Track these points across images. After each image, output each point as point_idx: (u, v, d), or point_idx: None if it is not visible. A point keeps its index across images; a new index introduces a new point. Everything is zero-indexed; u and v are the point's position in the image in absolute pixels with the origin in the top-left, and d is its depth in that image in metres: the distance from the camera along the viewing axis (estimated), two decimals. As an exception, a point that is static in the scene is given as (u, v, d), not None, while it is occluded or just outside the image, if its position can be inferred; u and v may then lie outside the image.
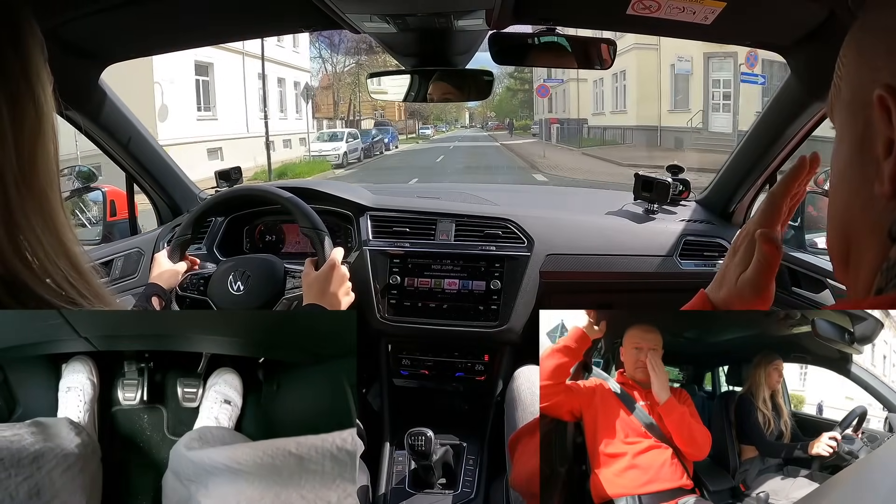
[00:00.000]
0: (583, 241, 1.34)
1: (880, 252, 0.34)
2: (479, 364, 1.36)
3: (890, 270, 0.33)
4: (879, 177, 0.33)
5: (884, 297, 0.34)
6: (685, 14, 0.89)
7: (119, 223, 1.53)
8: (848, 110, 0.37)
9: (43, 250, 0.41)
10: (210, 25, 1.12)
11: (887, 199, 0.33)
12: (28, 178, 0.41)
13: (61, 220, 0.44)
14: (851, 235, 0.37)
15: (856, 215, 0.37)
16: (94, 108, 1.22)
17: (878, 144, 0.33)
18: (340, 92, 29.05)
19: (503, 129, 39.62)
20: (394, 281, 1.32)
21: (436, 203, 1.44)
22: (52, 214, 0.43)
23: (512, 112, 42.35)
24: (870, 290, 0.35)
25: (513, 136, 31.08)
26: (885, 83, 0.32)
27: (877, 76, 0.34)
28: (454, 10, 0.92)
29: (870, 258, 0.35)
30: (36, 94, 0.43)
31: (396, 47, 1.16)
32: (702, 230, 1.38)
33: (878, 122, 0.33)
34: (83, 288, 0.43)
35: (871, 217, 0.35)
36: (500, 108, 43.18)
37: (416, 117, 37.48)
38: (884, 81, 0.33)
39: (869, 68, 0.35)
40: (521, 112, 41.15)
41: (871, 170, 0.34)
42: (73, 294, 0.43)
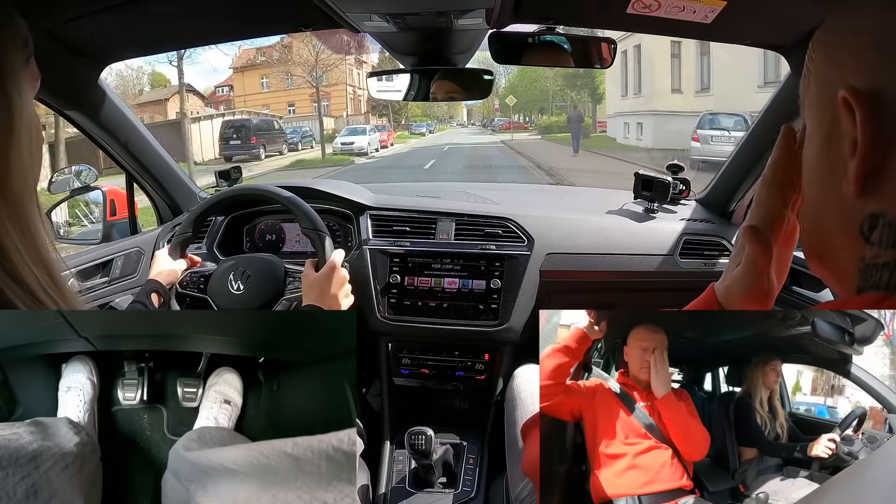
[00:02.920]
0: (583, 240, 1.34)
1: (855, 251, 0.35)
2: (480, 363, 1.36)
3: (866, 270, 0.34)
4: (846, 176, 0.34)
5: (865, 297, 0.35)
6: (685, 13, 0.89)
7: (119, 223, 1.53)
8: (816, 106, 0.37)
9: (20, 256, 0.40)
10: (209, 25, 1.12)
11: (854, 198, 0.33)
12: (0, 184, 0.39)
13: (38, 226, 0.42)
14: (823, 230, 0.38)
15: (826, 210, 0.37)
16: (94, 107, 1.22)
17: (844, 143, 0.34)
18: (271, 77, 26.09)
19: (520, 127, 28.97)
20: (394, 280, 1.31)
21: (436, 202, 1.43)
22: (28, 219, 0.41)
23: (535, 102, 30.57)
24: (852, 289, 0.35)
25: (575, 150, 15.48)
26: (849, 85, 0.33)
27: (841, 74, 0.34)
28: (454, 10, 0.92)
29: (846, 257, 0.36)
30: (7, 91, 0.40)
31: (396, 46, 1.16)
32: (702, 229, 1.38)
33: (843, 121, 0.33)
34: (57, 296, 0.42)
35: (840, 214, 0.35)
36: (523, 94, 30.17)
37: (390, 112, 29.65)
38: (847, 82, 0.33)
39: (834, 66, 0.35)
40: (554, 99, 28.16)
41: (839, 167, 0.34)
42: (47, 302, 0.41)
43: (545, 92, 29.24)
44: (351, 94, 29.82)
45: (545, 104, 30.11)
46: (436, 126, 34.75)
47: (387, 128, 24.62)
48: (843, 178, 0.34)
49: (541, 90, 29.76)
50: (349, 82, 29.00)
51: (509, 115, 30.71)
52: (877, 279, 0.33)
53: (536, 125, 28.08)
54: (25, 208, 0.41)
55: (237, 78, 28.84)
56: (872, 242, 0.33)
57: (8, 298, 0.39)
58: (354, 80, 29.60)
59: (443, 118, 40.14)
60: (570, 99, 26.92)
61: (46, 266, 0.42)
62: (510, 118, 30.64)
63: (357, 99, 30.41)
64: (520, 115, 33.53)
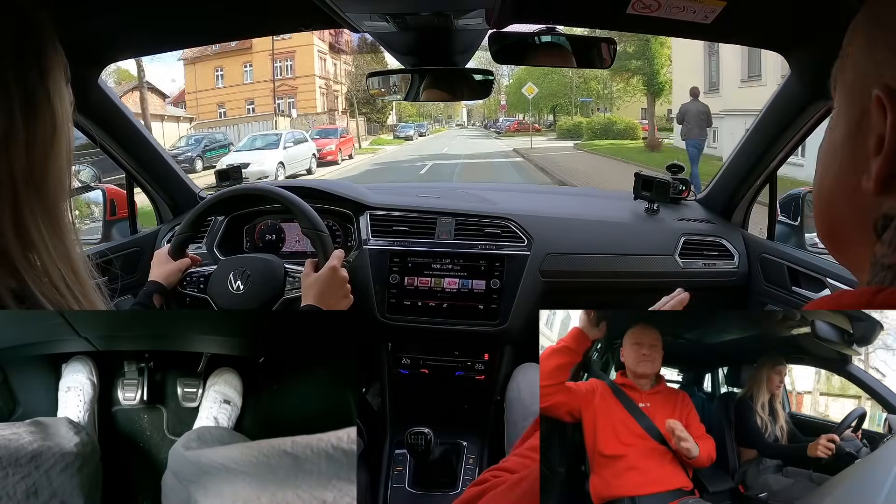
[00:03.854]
0: (583, 240, 1.34)
1: (867, 244, 0.34)
2: (479, 363, 1.36)
3: (874, 266, 0.34)
4: (868, 172, 0.33)
5: (860, 291, 0.34)
6: (685, 13, 0.89)
7: (119, 222, 1.53)
8: (849, 92, 0.36)
9: (47, 251, 0.43)
10: (209, 24, 1.12)
11: (873, 195, 0.33)
12: (39, 182, 0.43)
13: (67, 224, 0.46)
14: (835, 217, 0.38)
15: (841, 196, 0.37)
16: (94, 107, 1.22)
17: (871, 137, 0.33)
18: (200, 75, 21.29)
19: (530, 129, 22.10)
20: (394, 280, 1.31)
21: (436, 202, 1.43)
22: (60, 218, 0.45)
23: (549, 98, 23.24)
24: (863, 275, 0.35)
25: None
26: (884, 84, 0.32)
27: (879, 69, 0.33)
28: (454, 9, 0.92)
29: (858, 247, 0.35)
30: (53, 102, 0.45)
31: (396, 46, 1.16)
32: (702, 229, 1.38)
33: (874, 116, 0.33)
34: (77, 291, 0.45)
35: (855, 204, 0.35)
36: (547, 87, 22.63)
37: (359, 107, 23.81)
38: (883, 80, 0.33)
39: (873, 58, 0.35)
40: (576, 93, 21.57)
41: (862, 158, 0.34)
42: (68, 296, 0.44)
43: (565, 85, 22.60)
44: (323, 87, 24.47)
45: (563, 100, 23.60)
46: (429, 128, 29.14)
47: (340, 131, 17.19)
48: (864, 173, 0.33)
49: (558, 83, 22.88)
50: (321, 73, 24.14)
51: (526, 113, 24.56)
52: (881, 277, 0.33)
53: (557, 128, 20.71)
54: (59, 208, 0.45)
55: (188, 71, 23.56)
56: (884, 241, 0.33)
57: (31, 290, 0.41)
58: (327, 71, 24.71)
59: (439, 117, 36.29)
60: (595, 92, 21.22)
61: (70, 261, 0.45)
62: (521, 117, 25.10)
63: (331, 94, 25.25)
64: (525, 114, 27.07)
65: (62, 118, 0.46)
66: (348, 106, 25.06)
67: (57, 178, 0.45)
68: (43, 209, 0.43)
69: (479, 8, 0.90)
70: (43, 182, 0.44)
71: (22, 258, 0.41)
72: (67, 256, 0.45)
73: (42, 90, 0.44)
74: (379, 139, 24.15)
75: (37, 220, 0.43)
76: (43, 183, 0.44)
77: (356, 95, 23.66)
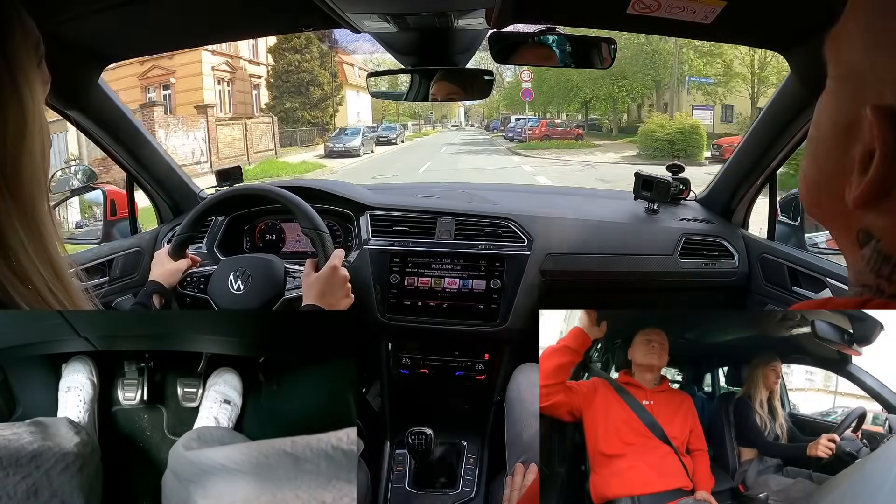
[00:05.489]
0: (583, 240, 1.34)
1: (850, 235, 0.34)
2: (480, 363, 1.36)
3: (859, 274, 0.34)
4: (850, 186, 0.33)
5: (849, 300, 0.34)
6: (685, 13, 0.89)
7: (119, 222, 1.53)
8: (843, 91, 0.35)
9: (27, 256, 0.40)
10: (209, 25, 1.12)
11: (854, 207, 0.33)
12: (11, 180, 0.40)
13: (48, 226, 0.42)
14: (819, 202, 0.37)
15: (826, 196, 0.36)
16: (94, 107, 1.22)
17: (856, 147, 0.32)
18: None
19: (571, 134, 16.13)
20: (394, 280, 1.31)
21: (436, 202, 1.43)
22: (38, 219, 0.41)
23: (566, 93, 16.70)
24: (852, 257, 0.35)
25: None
26: (873, 104, 0.31)
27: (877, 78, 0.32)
28: (454, 10, 0.92)
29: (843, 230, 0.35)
30: (21, 93, 0.40)
31: (396, 46, 1.16)
32: (702, 229, 1.38)
33: (864, 127, 0.32)
34: (63, 296, 0.42)
35: (838, 207, 0.34)
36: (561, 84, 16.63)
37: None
38: (879, 95, 0.31)
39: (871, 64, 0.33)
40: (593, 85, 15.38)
41: (847, 164, 0.33)
42: (53, 303, 0.41)
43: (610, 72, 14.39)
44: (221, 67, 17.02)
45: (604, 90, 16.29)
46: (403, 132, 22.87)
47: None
48: (848, 186, 0.33)
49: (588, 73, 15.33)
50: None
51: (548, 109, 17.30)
52: (861, 292, 0.33)
53: (641, 135, 14.10)
54: (36, 208, 0.41)
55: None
56: (864, 257, 0.33)
57: (12, 298, 0.39)
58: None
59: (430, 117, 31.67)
60: (698, 71, 14.80)
61: (54, 266, 0.42)
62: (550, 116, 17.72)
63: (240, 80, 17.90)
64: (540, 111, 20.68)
65: (32, 107, 0.41)
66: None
67: (31, 175, 0.41)
68: (18, 210, 0.40)
69: (479, 8, 0.90)
70: (16, 180, 0.40)
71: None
72: (50, 261, 0.41)
73: (9, 82, 0.40)
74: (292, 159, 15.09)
75: (13, 222, 0.39)
76: (16, 181, 0.40)
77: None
